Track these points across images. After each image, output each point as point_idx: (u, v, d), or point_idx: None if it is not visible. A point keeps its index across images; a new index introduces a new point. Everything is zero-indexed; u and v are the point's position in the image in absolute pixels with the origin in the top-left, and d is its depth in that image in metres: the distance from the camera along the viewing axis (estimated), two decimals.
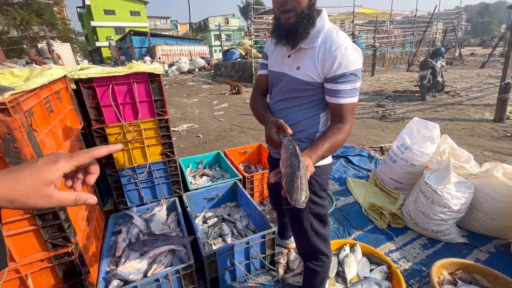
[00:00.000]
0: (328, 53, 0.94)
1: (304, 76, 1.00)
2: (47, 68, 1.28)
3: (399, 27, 16.67)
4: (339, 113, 1.00)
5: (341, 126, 0.98)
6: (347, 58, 0.93)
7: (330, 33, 0.96)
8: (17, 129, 0.86)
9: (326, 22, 0.99)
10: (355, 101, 0.98)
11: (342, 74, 0.93)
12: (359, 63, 0.95)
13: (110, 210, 1.92)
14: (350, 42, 0.96)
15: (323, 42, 0.96)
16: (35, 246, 1.03)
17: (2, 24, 15.17)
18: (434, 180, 1.93)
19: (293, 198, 0.71)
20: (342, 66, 0.93)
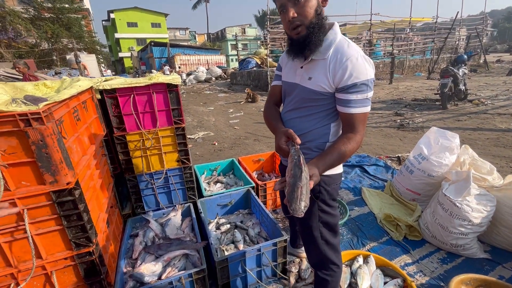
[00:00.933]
0: (339, 63, 0.96)
1: (315, 86, 1.03)
2: (76, 80, 1.39)
3: (419, 34, 16.29)
4: (350, 122, 1.01)
5: (351, 135, 1.00)
6: (357, 69, 0.94)
7: (341, 45, 0.99)
8: (49, 136, 0.95)
9: (338, 34, 1.01)
10: (366, 111, 0.99)
11: (353, 84, 0.95)
12: (370, 74, 0.96)
13: (129, 214, 2.01)
14: (361, 53, 0.97)
15: (334, 54, 0.98)
16: (60, 245, 1.11)
17: (35, 37, 16.40)
18: (453, 192, 1.86)
19: (291, 207, 0.75)
20: (353, 76, 0.94)
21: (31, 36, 16.56)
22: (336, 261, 1.23)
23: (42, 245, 1.07)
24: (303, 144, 1.14)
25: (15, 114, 0.89)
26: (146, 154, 1.89)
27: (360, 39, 15.40)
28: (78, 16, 18.54)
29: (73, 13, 17.99)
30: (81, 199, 1.12)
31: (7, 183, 0.94)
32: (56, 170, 0.99)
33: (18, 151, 0.94)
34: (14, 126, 0.91)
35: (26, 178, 0.98)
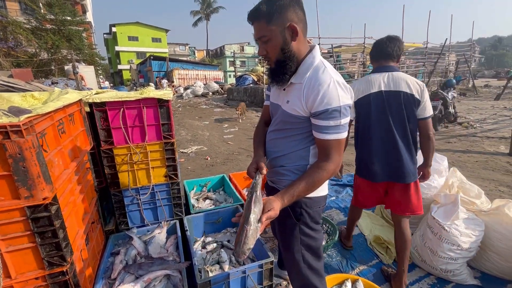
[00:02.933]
0: (311, 89, 0.97)
1: (291, 109, 1.05)
2: (64, 92, 1.38)
3: (411, 58, 16.94)
4: (323, 148, 1.01)
5: (323, 164, 0.99)
6: (329, 95, 0.94)
7: (317, 70, 1.00)
8: (27, 149, 0.92)
9: (316, 58, 1.02)
10: (340, 137, 0.98)
11: (324, 110, 0.95)
12: (344, 100, 0.95)
13: (112, 230, 1.94)
14: (337, 79, 0.97)
15: (309, 78, 1.00)
16: (32, 263, 1.05)
17: (35, 47, 16.55)
18: (442, 215, 1.86)
19: (235, 249, 0.78)
20: (324, 102, 0.94)
21: (31, 46, 16.71)
22: (320, 286, 1.19)
23: (12, 263, 1.02)
24: (283, 166, 1.16)
25: None
26: (133, 168, 1.86)
27: (354, 61, 15.93)
28: (79, 29, 18.87)
29: (75, 25, 18.31)
30: (58, 215, 1.08)
31: None
32: (32, 185, 0.96)
33: None
34: None
35: (0, 192, 0.94)
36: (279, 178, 1.19)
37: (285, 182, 1.15)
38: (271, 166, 1.23)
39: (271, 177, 1.25)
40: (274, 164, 1.19)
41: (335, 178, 3.60)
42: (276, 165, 1.19)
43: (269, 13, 0.94)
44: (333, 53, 11.28)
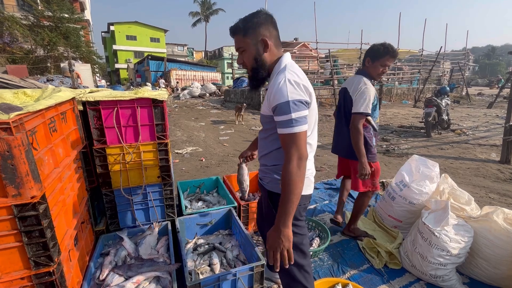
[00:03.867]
0: (270, 90, 1.09)
1: (264, 111, 1.19)
2: (57, 90, 1.37)
3: (406, 64, 17.17)
4: (282, 145, 1.08)
5: (285, 167, 1.03)
6: (279, 92, 1.03)
7: (277, 74, 1.11)
8: (16, 147, 0.91)
9: (281, 65, 1.14)
10: (292, 131, 1.01)
11: (275, 106, 1.04)
12: (292, 95, 1.01)
13: (102, 230, 1.91)
14: (289, 78, 1.04)
15: (271, 82, 1.14)
16: (17, 263, 1.03)
17: (32, 44, 16.38)
18: (432, 221, 1.88)
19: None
20: (275, 99, 1.03)
21: (27, 42, 16.55)
22: (306, 284, 1.23)
23: None
24: (265, 164, 1.28)
25: None
26: (126, 168, 1.84)
27: (351, 66, 16.08)
28: (77, 26, 18.74)
29: (73, 23, 18.19)
30: (46, 214, 1.06)
31: None
32: (20, 183, 0.95)
33: None
34: None
35: None
36: (263, 176, 1.30)
37: (267, 180, 1.27)
38: (259, 165, 1.36)
39: (260, 174, 1.35)
40: (261, 162, 1.32)
41: (329, 182, 3.62)
42: (262, 163, 1.31)
43: (244, 28, 1.12)
44: (330, 57, 11.36)
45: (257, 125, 8.12)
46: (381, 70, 1.96)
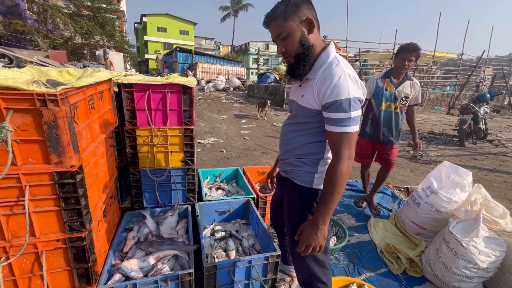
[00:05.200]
0: (323, 82, 1.00)
1: (305, 103, 1.09)
2: (97, 71, 1.46)
3: (442, 68, 16.13)
4: (332, 143, 1.02)
5: (332, 168, 1.00)
6: (338, 87, 0.96)
7: (330, 65, 1.03)
8: (61, 118, 0.99)
9: (331, 55, 1.06)
10: (347, 130, 0.98)
11: (333, 102, 0.97)
12: (353, 93, 0.96)
13: (127, 208, 2.02)
14: (348, 73, 0.99)
15: (322, 73, 1.03)
16: (54, 226, 1.12)
17: (71, 31, 17.43)
18: (460, 231, 1.77)
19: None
20: (333, 94, 0.96)
21: (67, 30, 17.62)
22: (325, 280, 1.20)
23: (38, 223, 1.09)
24: (297, 157, 1.20)
25: (34, 94, 0.94)
26: (153, 150, 1.93)
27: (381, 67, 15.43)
28: (113, 16, 19.64)
29: (109, 13, 19.09)
30: (82, 183, 1.14)
31: (15, 158, 0.98)
32: (62, 152, 1.03)
33: (31, 129, 0.98)
34: (31, 104, 0.95)
35: (33, 156, 1.01)
36: (292, 169, 1.22)
37: (298, 173, 1.19)
38: (284, 158, 1.28)
39: (284, 168, 1.29)
40: (288, 155, 1.23)
41: (350, 183, 3.53)
42: (289, 157, 1.23)
43: (285, 11, 1.01)
44: (359, 57, 10.98)
45: (279, 121, 8.08)
46: (400, 64, 2.31)
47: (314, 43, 1.05)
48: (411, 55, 2.25)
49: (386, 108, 2.47)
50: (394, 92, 2.41)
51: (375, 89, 2.51)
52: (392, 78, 2.43)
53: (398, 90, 2.40)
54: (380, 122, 2.51)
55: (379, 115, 2.51)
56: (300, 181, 1.20)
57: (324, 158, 1.14)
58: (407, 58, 2.27)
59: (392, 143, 2.54)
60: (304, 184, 1.19)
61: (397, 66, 2.35)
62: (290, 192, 1.27)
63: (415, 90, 2.42)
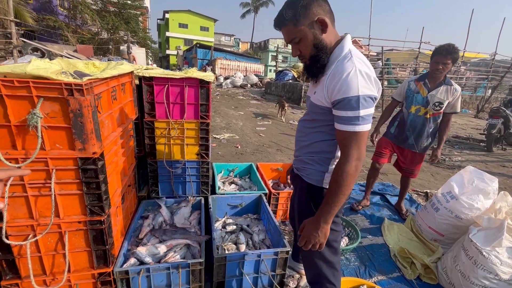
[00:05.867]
0: (332, 78, 0.96)
1: (317, 100, 1.07)
2: (120, 64, 1.52)
3: (472, 69, 15.22)
4: (340, 142, 0.99)
5: (339, 168, 0.96)
6: (347, 84, 0.91)
7: (342, 60, 0.97)
8: (86, 107, 1.05)
9: (345, 49, 1.00)
10: (357, 130, 0.93)
11: (341, 99, 0.93)
12: (363, 90, 0.90)
13: (144, 196, 2.10)
14: (360, 68, 0.93)
15: (334, 68, 0.98)
16: (77, 208, 1.19)
17: (98, 27, 18.19)
18: (482, 239, 1.69)
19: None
20: (341, 91, 0.92)
21: (95, 26, 18.39)
22: (333, 280, 1.18)
23: (62, 205, 1.17)
24: (308, 155, 1.19)
25: (62, 83, 1.00)
26: (170, 142, 1.98)
27: (405, 67, 14.81)
28: (137, 13, 20.26)
29: (134, 9, 19.72)
30: (103, 170, 1.21)
31: (43, 143, 1.05)
32: (86, 139, 1.09)
33: (58, 116, 1.05)
34: (59, 93, 1.02)
35: (60, 142, 1.08)
36: (303, 166, 1.22)
37: (308, 171, 1.19)
38: (297, 155, 1.28)
39: (297, 165, 1.29)
40: (300, 152, 1.23)
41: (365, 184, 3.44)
42: (301, 154, 1.23)
43: (294, 15, 0.97)
44: (382, 56, 10.62)
45: (296, 119, 8.01)
46: (434, 67, 2.19)
47: (329, 42, 1.02)
48: (445, 58, 2.12)
49: (416, 111, 2.34)
50: (426, 96, 2.27)
51: (406, 91, 2.40)
52: (426, 81, 2.29)
53: (431, 94, 2.25)
54: (406, 125, 2.40)
55: (407, 117, 2.40)
56: (310, 179, 1.19)
57: (335, 157, 1.12)
58: (441, 62, 2.13)
59: (415, 149, 2.42)
60: (314, 183, 1.18)
61: (431, 69, 2.23)
62: (300, 189, 1.27)
63: (452, 97, 2.22)
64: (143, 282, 1.40)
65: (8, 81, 0.96)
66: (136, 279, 1.37)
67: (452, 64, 2.16)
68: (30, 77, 0.97)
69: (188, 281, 1.47)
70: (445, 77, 2.24)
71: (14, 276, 1.21)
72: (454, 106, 2.27)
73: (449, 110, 2.29)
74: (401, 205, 2.81)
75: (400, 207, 2.82)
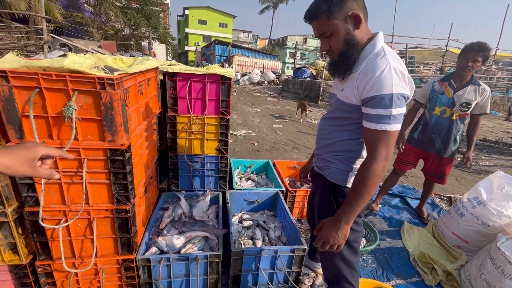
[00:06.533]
0: (364, 75, 0.94)
1: (344, 97, 1.04)
2: (146, 59, 1.57)
3: (504, 69, 14.30)
4: (369, 140, 0.96)
5: (367, 166, 0.93)
6: (380, 81, 0.88)
7: (374, 57, 0.95)
8: (116, 100, 1.09)
9: (377, 46, 0.98)
10: (387, 129, 0.90)
11: (372, 97, 0.90)
12: (397, 88, 0.88)
13: (164, 189, 2.17)
14: (395, 66, 0.90)
15: (365, 66, 0.96)
16: (104, 197, 1.26)
17: (121, 23, 18.77)
18: (511, 249, 1.60)
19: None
20: (374, 88, 0.90)
21: (118, 22, 19.00)
22: (352, 280, 1.17)
23: (91, 193, 1.23)
24: (332, 153, 1.16)
25: (95, 77, 1.05)
26: (190, 137, 2.03)
27: (430, 65, 14.17)
28: (158, 9, 20.69)
29: (155, 6, 20.15)
30: (129, 161, 1.26)
31: (77, 134, 1.11)
32: (115, 131, 1.14)
33: (91, 109, 1.10)
34: (93, 87, 1.07)
35: (91, 133, 1.14)
36: (325, 165, 1.20)
37: (331, 170, 1.17)
38: (318, 154, 1.26)
39: (318, 163, 1.26)
40: (323, 151, 1.20)
41: None
42: (324, 152, 1.20)
43: (328, 8, 0.93)
44: (406, 53, 10.21)
45: (313, 118, 7.92)
46: (463, 64, 2.08)
47: (361, 38, 0.99)
48: (477, 55, 2.00)
49: (441, 113, 2.23)
50: (452, 97, 2.16)
51: (430, 93, 2.30)
52: (452, 81, 2.18)
53: (457, 95, 2.14)
54: (431, 128, 2.29)
55: (430, 120, 2.30)
56: (333, 178, 1.17)
57: (360, 157, 1.10)
58: (472, 58, 2.02)
59: (442, 153, 2.30)
60: (337, 182, 1.16)
61: (459, 67, 2.11)
62: (322, 188, 1.25)
63: (481, 97, 2.10)
64: (163, 270, 1.45)
65: (47, 75, 1.02)
66: (157, 267, 1.43)
67: (482, 63, 2.04)
68: (67, 71, 1.03)
69: (206, 272, 1.51)
70: (472, 77, 2.13)
71: (47, 257, 1.30)
72: (483, 107, 2.14)
73: (478, 111, 2.17)
74: (423, 209, 2.71)
75: (421, 211, 2.72)
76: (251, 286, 1.63)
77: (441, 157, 2.32)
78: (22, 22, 8.96)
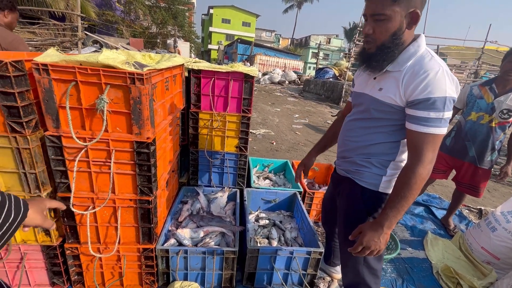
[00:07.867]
0: (414, 76, 0.90)
1: (385, 97, 0.98)
2: (173, 56, 1.61)
3: None
4: (415, 144, 0.92)
5: (412, 167, 0.90)
6: (434, 83, 0.86)
7: (422, 58, 0.92)
8: (144, 95, 1.13)
9: (421, 47, 0.94)
10: (437, 132, 0.88)
11: (425, 99, 0.87)
12: (450, 92, 0.86)
13: (184, 183, 2.23)
14: (446, 69, 0.88)
15: (412, 66, 0.92)
16: (129, 187, 1.31)
17: (149, 22, 19.48)
18: None
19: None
20: (428, 90, 0.86)
21: (146, 21, 19.74)
22: (374, 287, 1.13)
23: (117, 183, 1.29)
24: (364, 156, 1.10)
25: (126, 72, 1.10)
26: (212, 133, 2.06)
27: (463, 68, 13.34)
28: (184, 8, 21.23)
29: (182, 5, 20.70)
30: (154, 154, 1.30)
31: (107, 126, 1.17)
32: (142, 125, 1.18)
33: (121, 102, 1.15)
34: (123, 81, 1.12)
35: (120, 125, 1.19)
36: (356, 169, 1.14)
37: (363, 174, 1.11)
38: (345, 156, 1.20)
39: (345, 167, 1.20)
40: (352, 153, 1.15)
41: None
42: (353, 155, 1.14)
43: None
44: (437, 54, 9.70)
45: (333, 120, 7.74)
46: (508, 68, 1.95)
47: (406, 39, 0.95)
48: None
49: (478, 119, 2.09)
50: (492, 102, 2.01)
51: (467, 97, 2.17)
52: (493, 85, 2.04)
53: (498, 100, 1.99)
54: (464, 135, 2.16)
55: (464, 126, 2.17)
56: (365, 182, 1.12)
57: (396, 161, 1.05)
58: None
59: (476, 163, 2.13)
60: (369, 187, 1.11)
61: (503, 71, 1.97)
62: (351, 193, 1.18)
63: None
64: (181, 262, 1.49)
65: (83, 69, 1.07)
66: (175, 258, 1.47)
67: None
68: (101, 65, 1.08)
69: (221, 267, 1.53)
70: None
71: (75, 240, 1.38)
72: None
73: None
74: (449, 220, 2.56)
75: (447, 222, 2.57)
76: (265, 285, 1.64)
77: (476, 167, 2.14)
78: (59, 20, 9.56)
